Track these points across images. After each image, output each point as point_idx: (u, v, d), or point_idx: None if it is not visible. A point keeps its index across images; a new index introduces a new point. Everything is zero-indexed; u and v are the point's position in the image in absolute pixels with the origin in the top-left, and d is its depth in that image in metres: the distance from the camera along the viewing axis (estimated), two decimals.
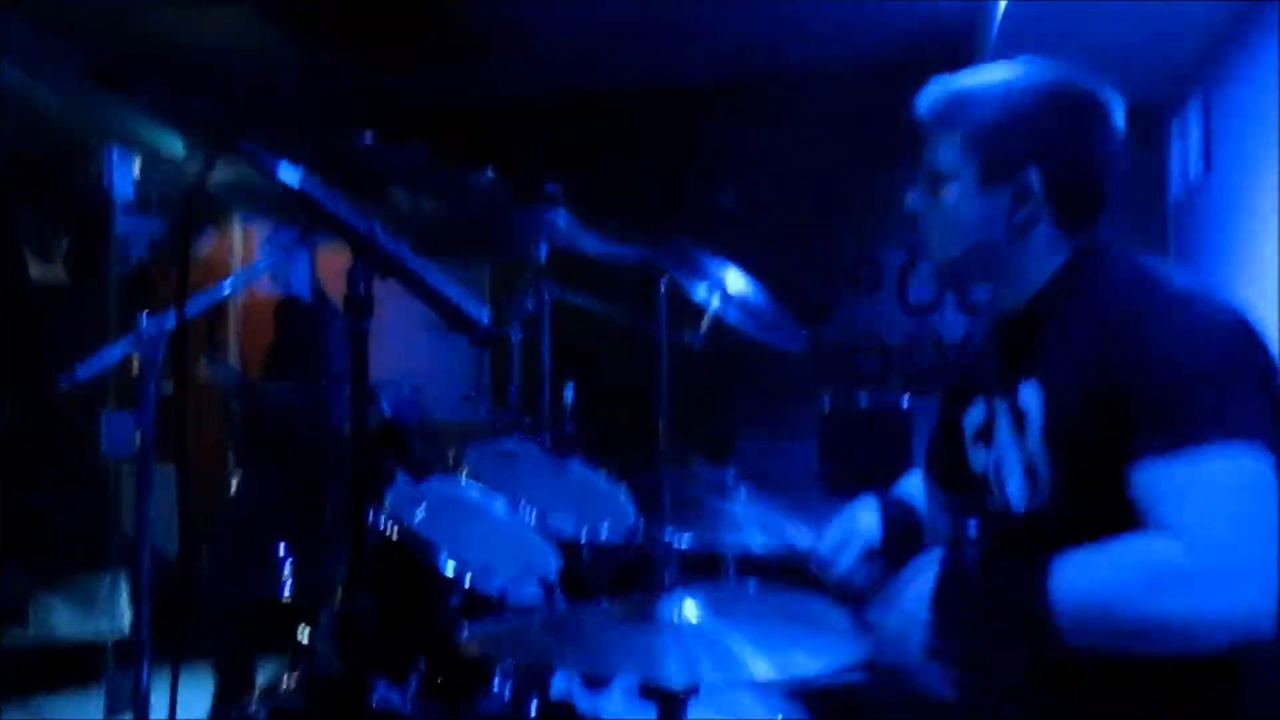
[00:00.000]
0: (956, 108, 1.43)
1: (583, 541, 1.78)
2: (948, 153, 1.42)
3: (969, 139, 1.41)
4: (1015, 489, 1.38)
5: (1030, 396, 1.35)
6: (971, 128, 1.41)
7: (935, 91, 1.46)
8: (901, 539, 1.59)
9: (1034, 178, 1.37)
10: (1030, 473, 1.35)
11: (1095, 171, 1.41)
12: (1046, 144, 1.38)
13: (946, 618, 1.26)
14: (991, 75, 1.43)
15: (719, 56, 5.04)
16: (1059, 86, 1.40)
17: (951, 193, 1.42)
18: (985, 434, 1.47)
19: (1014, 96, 1.40)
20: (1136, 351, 1.22)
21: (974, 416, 1.51)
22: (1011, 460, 1.38)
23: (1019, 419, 1.37)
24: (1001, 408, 1.42)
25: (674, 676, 1.08)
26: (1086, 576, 1.19)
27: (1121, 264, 1.35)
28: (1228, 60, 3.68)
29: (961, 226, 1.43)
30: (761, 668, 1.09)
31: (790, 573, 1.62)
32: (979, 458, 1.48)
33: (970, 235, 1.42)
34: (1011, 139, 1.38)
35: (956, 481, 1.58)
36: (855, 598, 1.49)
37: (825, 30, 4.77)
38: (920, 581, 1.32)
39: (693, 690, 1.11)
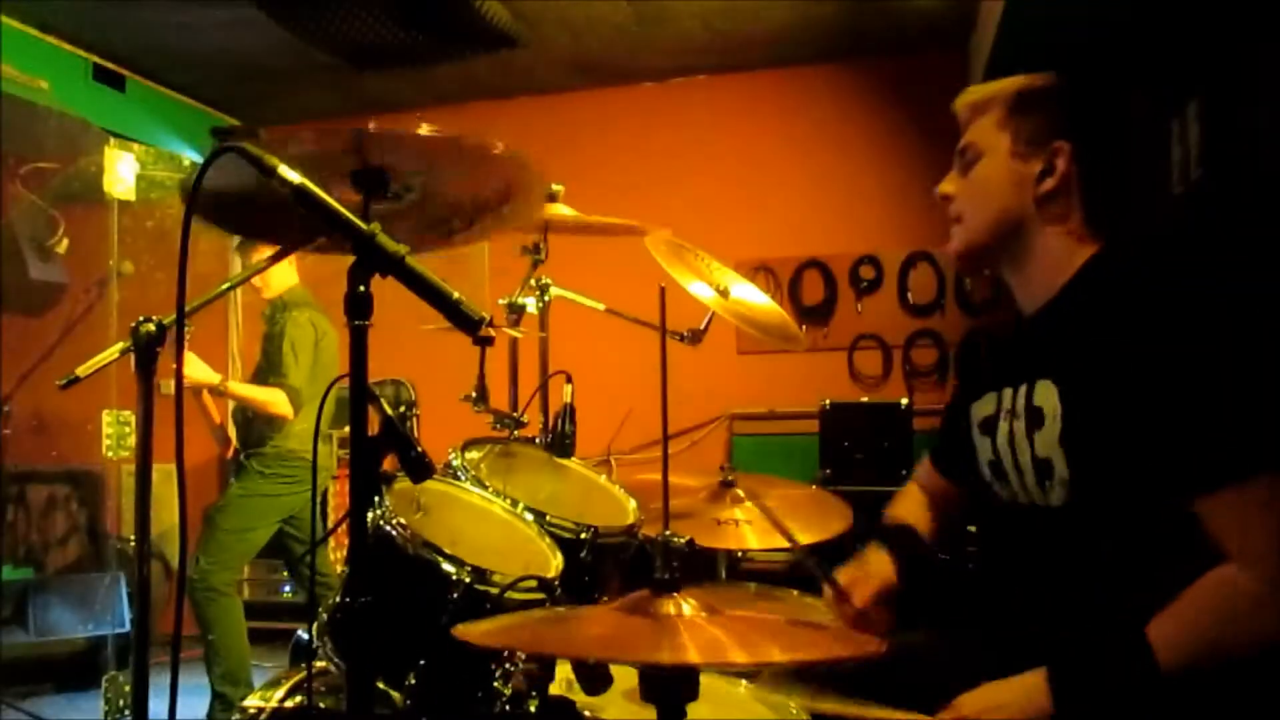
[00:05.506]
0: (998, 89, 1.50)
1: (582, 541, 1.77)
2: (984, 129, 1.49)
3: (1007, 109, 1.47)
4: (1028, 479, 1.42)
5: (1046, 396, 1.38)
6: (1011, 98, 1.47)
7: (979, 87, 1.53)
8: (916, 570, 1.61)
9: (1063, 153, 1.42)
10: (1044, 466, 1.38)
11: (1118, 162, 1.46)
12: (1079, 122, 1.43)
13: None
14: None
15: (716, 49, 5.04)
16: (1095, 79, 1.46)
17: (985, 165, 1.48)
18: (992, 425, 1.50)
19: (1054, 79, 1.47)
20: (1162, 380, 1.26)
21: (984, 408, 1.53)
22: (1024, 452, 1.41)
23: (1034, 415, 1.40)
24: (1015, 403, 1.45)
25: (673, 675, 1.08)
26: (1180, 636, 1.23)
27: (1141, 270, 1.37)
28: (1228, 60, 3.67)
29: (991, 195, 1.47)
30: (760, 666, 1.09)
31: (789, 573, 1.62)
32: (985, 447, 1.51)
33: (998, 202, 1.46)
34: (1046, 108, 1.44)
35: (962, 471, 1.61)
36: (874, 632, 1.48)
37: (826, 26, 4.77)
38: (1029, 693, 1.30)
39: (692, 689, 1.11)
